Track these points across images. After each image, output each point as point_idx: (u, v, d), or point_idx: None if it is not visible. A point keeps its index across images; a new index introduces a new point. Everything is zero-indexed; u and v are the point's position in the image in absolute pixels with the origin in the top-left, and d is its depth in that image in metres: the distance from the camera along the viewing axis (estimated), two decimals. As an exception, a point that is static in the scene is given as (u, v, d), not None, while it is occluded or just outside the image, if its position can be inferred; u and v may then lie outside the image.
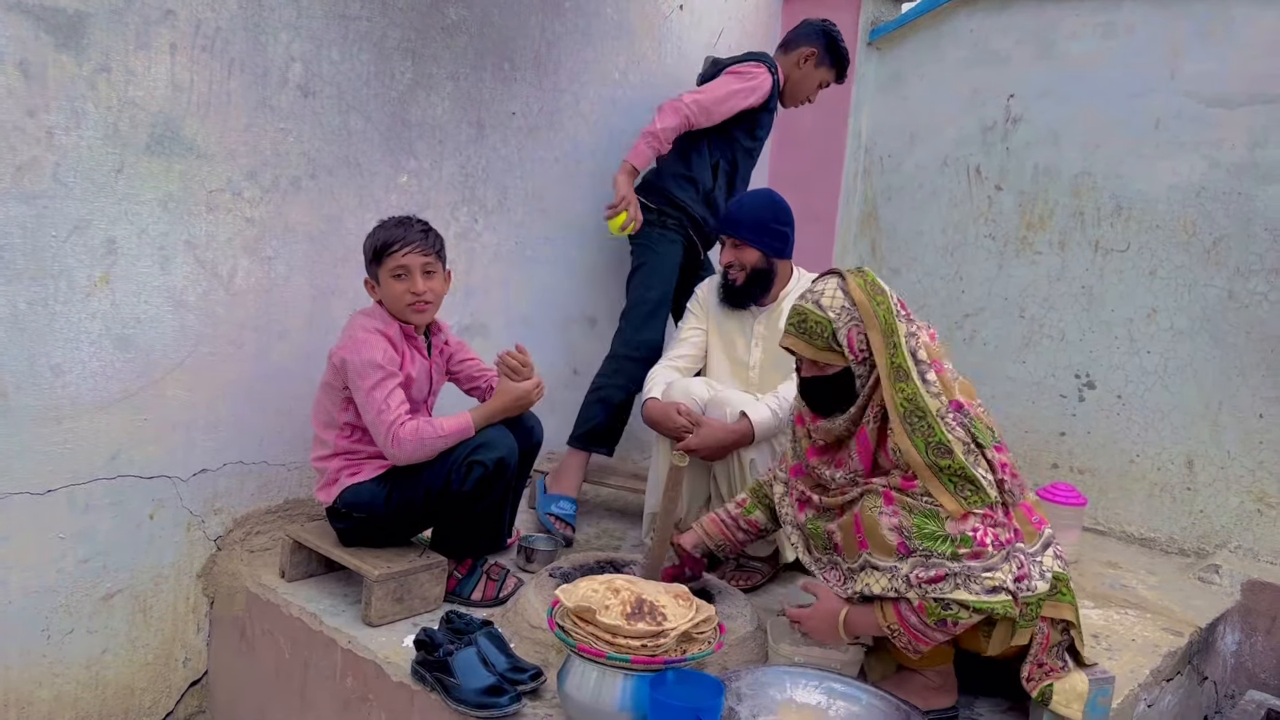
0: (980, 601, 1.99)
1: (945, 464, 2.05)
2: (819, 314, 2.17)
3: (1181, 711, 2.97)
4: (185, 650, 2.80)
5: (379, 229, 2.59)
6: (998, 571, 2.00)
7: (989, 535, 2.01)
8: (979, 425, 2.12)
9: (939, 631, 2.04)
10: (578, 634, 2.00)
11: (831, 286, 2.19)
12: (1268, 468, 3.47)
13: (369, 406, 2.48)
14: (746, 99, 3.47)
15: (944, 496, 2.04)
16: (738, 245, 2.99)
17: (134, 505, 2.62)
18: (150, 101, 2.50)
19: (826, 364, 2.19)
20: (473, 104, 3.28)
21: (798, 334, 2.20)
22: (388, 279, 2.55)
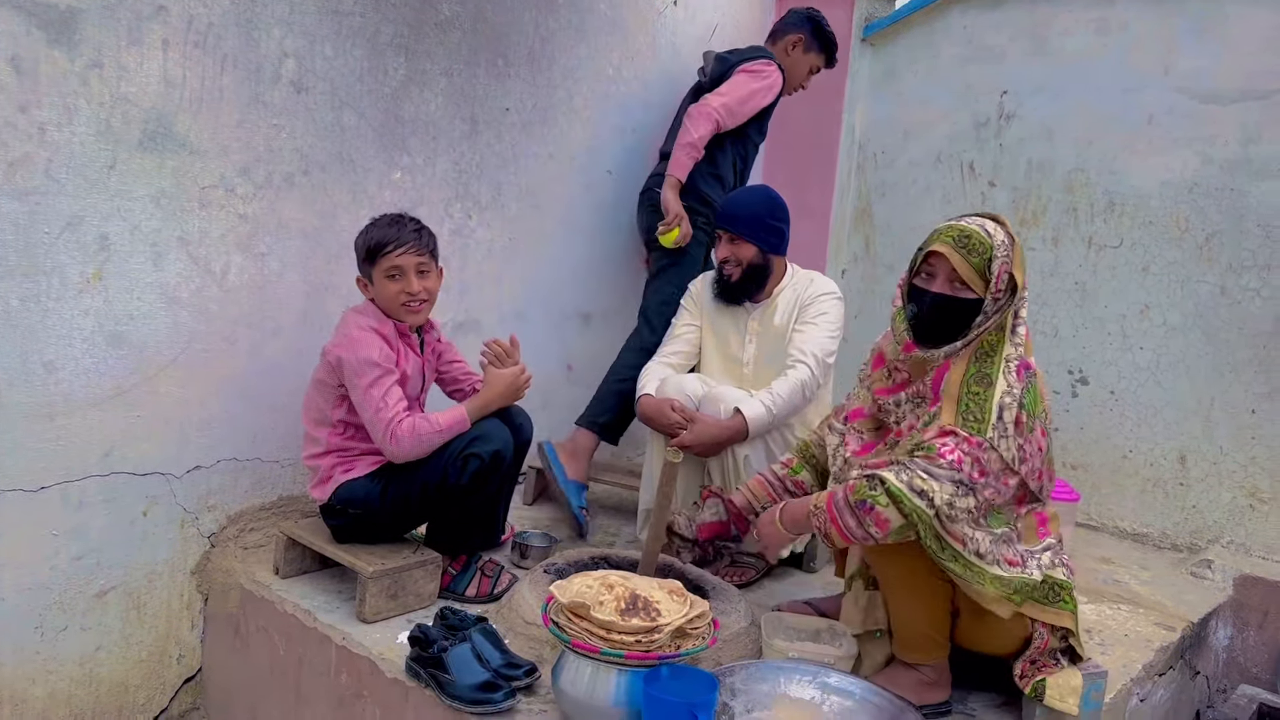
0: (899, 490, 1.98)
1: (975, 391, 2.05)
2: (984, 237, 2.11)
3: (1174, 706, 2.98)
4: (179, 647, 2.80)
5: (372, 228, 2.57)
6: (934, 481, 1.98)
7: (955, 454, 1.99)
8: (1035, 391, 2.11)
9: (852, 516, 2.04)
10: (572, 630, 2.00)
11: (987, 223, 2.15)
12: (1260, 463, 3.48)
13: (366, 404, 2.48)
14: (766, 97, 3.57)
15: (948, 412, 2.06)
16: (734, 240, 2.98)
17: (127, 502, 2.62)
18: (142, 97, 2.49)
19: (963, 288, 2.12)
20: (466, 100, 3.28)
21: (957, 247, 2.11)
22: (382, 279, 2.54)
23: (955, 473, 1.99)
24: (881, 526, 2.02)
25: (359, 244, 2.58)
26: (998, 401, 2.04)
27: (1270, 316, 3.45)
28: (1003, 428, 2.03)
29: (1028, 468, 2.10)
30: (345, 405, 2.56)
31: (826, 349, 2.90)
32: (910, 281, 2.23)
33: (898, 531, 2.02)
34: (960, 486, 1.99)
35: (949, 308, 2.13)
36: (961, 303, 2.12)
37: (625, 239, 4.01)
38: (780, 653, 2.28)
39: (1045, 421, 2.16)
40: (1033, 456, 2.11)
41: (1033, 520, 2.20)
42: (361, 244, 2.58)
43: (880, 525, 2.02)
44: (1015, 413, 2.06)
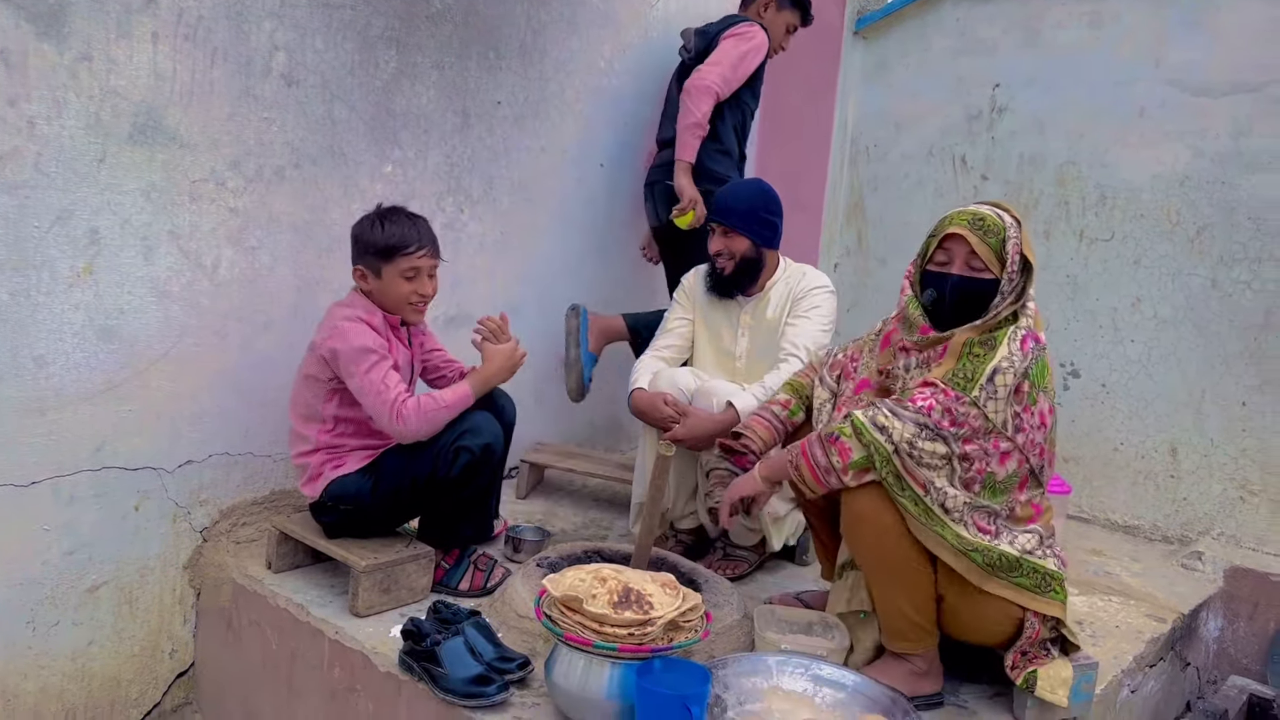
0: (861, 422, 2.09)
1: (976, 353, 2.12)
2: (997, 219, 2.20)
3: (1164, 697, 2.99)
4: (172, 642, 2.80)
5: (389, 224, 2.53)
6: (897, 420, 2.06)
7: (928, 401, 2.07)
8: (1044, 365, 2.16)
9: (820, 448, 2.14)
10: (565, 623, 2.00)
11: (992, 208, 2.24)
12: (1250, 455, 3.50)
13: (367, 390, 2.47)
14: (756, 58, 3.59)
15: (943, 367, 2.13)
16: (728, 233, 2.97)
17: (119, 497, 2.61)
18: (132, 91, 2.48)
19: (982, 269, 2.20)
20: (458, 93, 3.27)
21: (973, 229, 2.19)
22: (395, 278, 2.54)
23: (922, 416, 2.07)
24: (844, 455, 2.11)
25: (373, 238, 2.52)
26: (994, 364, 2.09)
27: (1261, 309, 3.46)
28: (991, 389, 2.08)
29: (1025, 438, 2.13)
30: (337, 399, 2.55)
31: (819, 342, 2.91)
32: (924, 268, 2.28)
33: (859, 464, 2.10)
34: (925, 430, 2.07)
35: (970, 289, 2.20)
36: (981, 283, 2.20)
37: (618, 232, 4.01)
38: (772, 645, 2.29)
39: (1052, 398, 2.19)
40: (1033, 429, 2.14)
41: (1029, 510, 2.21)
42: (377, 239, 2.52)
43: (843, 454, 2.11)
44: (1012, 379, 2.10)
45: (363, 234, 2.56)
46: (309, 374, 2.58)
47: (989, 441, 2.11)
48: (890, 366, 2.34)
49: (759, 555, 3.02)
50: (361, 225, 2.57)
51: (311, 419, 2.58)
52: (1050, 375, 2.20)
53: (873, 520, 2.13)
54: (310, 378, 2.57)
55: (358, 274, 2.59)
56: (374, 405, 2.47)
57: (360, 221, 2.58)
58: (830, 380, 2.50)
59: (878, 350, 2.42)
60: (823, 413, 2.46)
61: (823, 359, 2.58)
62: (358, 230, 2.58)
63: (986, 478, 2.13)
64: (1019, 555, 2.13)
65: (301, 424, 2.60)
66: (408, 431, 2.47)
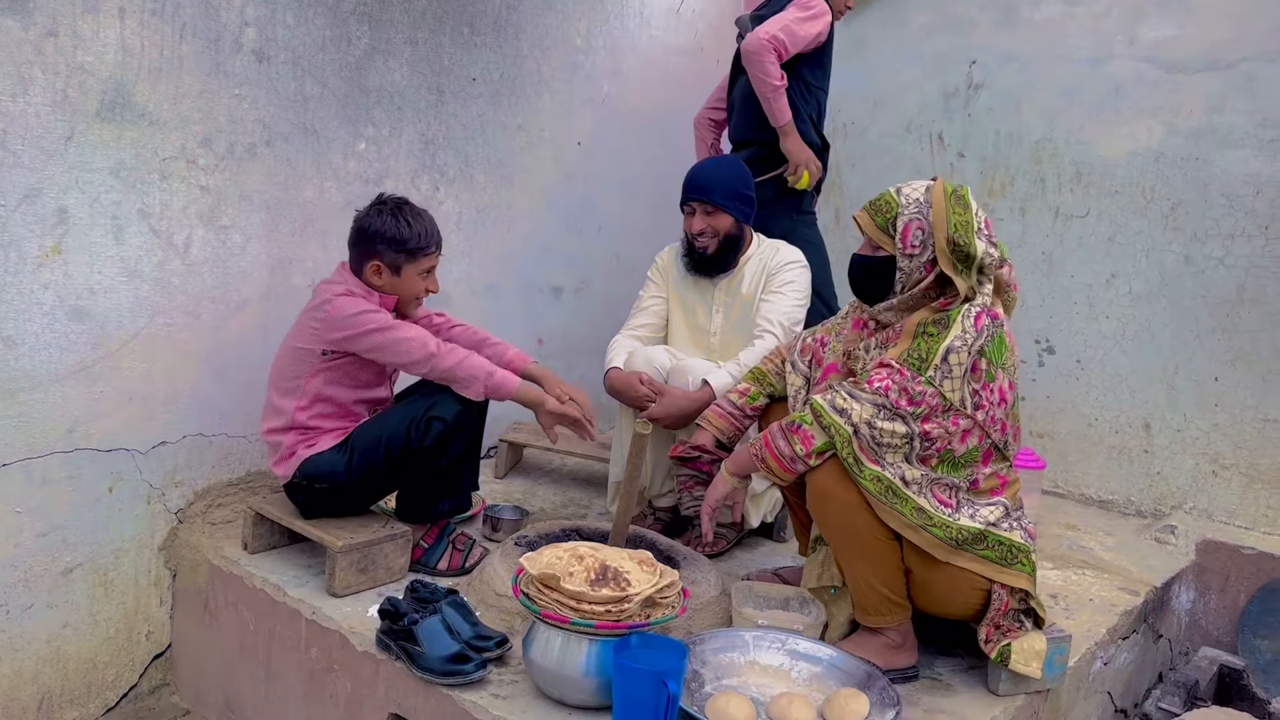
0: (821, 406, 2.11)
1: (932, 332, 2.14)
2: (891, 197, 2.27)
3: (1137, 669, 3.03)
4: (148, 623, 2.79)
5: (413, 221, 2.52)
6: (855, 402, 2.09)
7: (884, 382, 2.10)
8: (1001, 341, 2.17)
9: (783, 437, 2.16)
10: (542, 601, 2.00)
11: (921, 184, 2.28)
12: (1222, 430, 3.53)
13: (387, 345, 2.48)
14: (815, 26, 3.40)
15: (898, 348, 2.16)
16: (711, 212, 2.94)
17: (92, 478, 2.59)
18: (100, 67, 2.44)
19: (878, 246, 2.27)
20: (432, 70, 3.24)
21: (867, 209, 2.29)
22: (414, 276, 2.56)
23: (879, 398, 2.09)
24: (806, 444, 2.13)
25: (394, 234, 2.49)
26: (947, 344, 2.11)
27: (1233, 285, 3.49)
28: (946, 369, 2.10)
29: (984, 414, 2.14)
30: (323, 376, 2.52)
31: (793, 318, 2.91)
32: None
33: (821, 449, 2.12)
34: (882, 410, 2.09)
35: (866, 267, 2.30)
36: (874, 261, 2.28)
37: (595, 212, 4.00)
38: (750, 621, 2.30)
39: (1013, 374, 2.20)
40: (993, 405, 2.15)
41: (995, 481, 2.22)
42: (404, 237, 2.50)
43: (805, 442, 2.13)
44: (967, 357, 2.11)
45: (384, 230, 2.50)
46: (297, 345, 2.53)
47: (948, 420, 2.12)
48: (853, 348, 2.36)
49: (737, 532, 3.03)
50: (381, 221, 2.50)
51: (291, 393, 2.55)
52: (1010, 351, 2.19)
53: (836, 497, 2.14)
54: (299, 350, 2.53)
55: (372, 269, 2.53)
56: (403, 352, 2.48)
57: (376, 216, 2.51)
58: (802, 365, 2.51)
59: (846, 331, 2.43)
60: (798, 399, 2.47)
61: (792, 343, 2.58)
62: (377, 226, 2.50)
63: (944, 454, 2.14)
64: (983, 528, 2.15)
65: (279, 397, 2.56)
66: (440, 365, 2.49)
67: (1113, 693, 2.87)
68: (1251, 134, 3.43)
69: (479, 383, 2.52)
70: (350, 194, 3.04)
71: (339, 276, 2.58)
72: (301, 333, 2.54)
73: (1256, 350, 3.45)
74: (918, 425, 2.10)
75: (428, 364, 2.50)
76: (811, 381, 2.47)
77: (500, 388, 2.55)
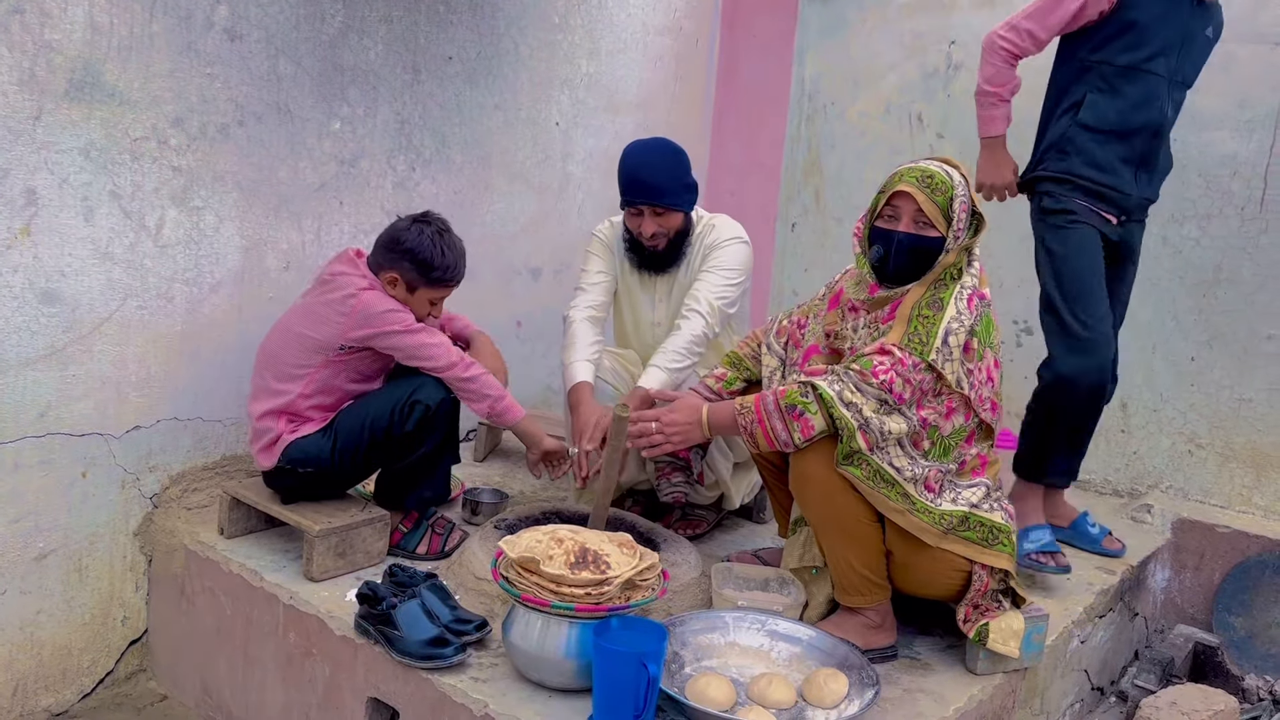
0: (831, 396, 2.07)
1: (926, 314, 2.13)
2: (945, 177, 2.20)
3: (1113, 646, 3.06)
4: (124, 609, 2.76)
5: (449, 252, 2.54)
6: (862, 397, 2.07)
7: (887, 374, 2.07)
8: (989, 321, 2.19)
9: (781, 420, 2.13)
10: (522, 584, 2.00)
11: (942, 162, 2.25)
12: (1198, 410, 3.56)
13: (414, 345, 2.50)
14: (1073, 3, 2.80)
15: (897, 331, 2.14)
16: (661, 213, 2.78)
17: (65, 463, 2.56)
18: (68, 45, 2.40)
19: (928, 227, 2.19)
20: (408, 48, 3.20)
21: (920, 187, 2.18)
22: (425, 299, 2.58)
23: (883, 393, 2.07)
24: (805, 433, 2.11)
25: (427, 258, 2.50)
26: (944, 326, 2.11)
27: (1210, 265, 3.50)
28: (947, 351, 2.10)
29: (974, 394, 2.15)
30: (334, 369, 2.51)
31: (724, 297, 2.77)
32: (872, 224, 2.27)
33: (819, 435, 2.11)
34: (884, 404, 2.08)
35: (916, 248, 2.20)
36: (927, 241, 2.20)
37: (574, 194, 3.97)
38: (730, 602, 2.31)
39: (998, 353, 2.21)
40: (981, 384, 2.16)
41: (977, 461, 2.23)
42: (435, 263, 2.52)
43: (805, 431, 2.11)
44: (963, 338, 2.12)
45: (419, 250, 2.50)
46: (310, 335, 2.49)
47: (941, 403, 2.14)
48: (838, 328, 2.34)
49: (717, 514, 3.03)
50: (420, 241, 2.51)
51: (294, 379, 2.51)
52: (996, 331, 2.23)
53: (820, 480, 2.14)
54: (311, 339, 2.49)
55: (389, 279, 2.53)
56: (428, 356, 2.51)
57: (417, 234, 2.51)
58: (778, 347, 2.50)
59: (824, 312, 2.42)
60: (773, 381, 2.45)
61: (768, 326, 2.57)
62: (414, 244, 2.50)
63: (931, 432, 2.15)
64: (967, 511, 2.16)
65: (279, 381, 2.52)
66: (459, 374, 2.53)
67: (1089, 670, 2.90)
68: (1229, 115, 3.44)
69: (488, 402, 2.59)
70: (325, 174, 3.01)
71: (355, 268, 2.53)
72: (316, 322, 2.49)
73: (1232, 330, 3.47)
74: (914, 414, 2.10)
75: (447, 371, 2.53)
76: (788, 364, 2.46)
77: (506, 414, 2.63)
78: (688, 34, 4.35)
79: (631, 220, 2.83)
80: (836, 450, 2.10)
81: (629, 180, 2.78)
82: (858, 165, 4.40)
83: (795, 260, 4.62)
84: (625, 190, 2.80)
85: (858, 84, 4.38)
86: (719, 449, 2.89)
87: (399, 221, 2.57)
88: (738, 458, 2.94)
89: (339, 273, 2.52)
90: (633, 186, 2.77)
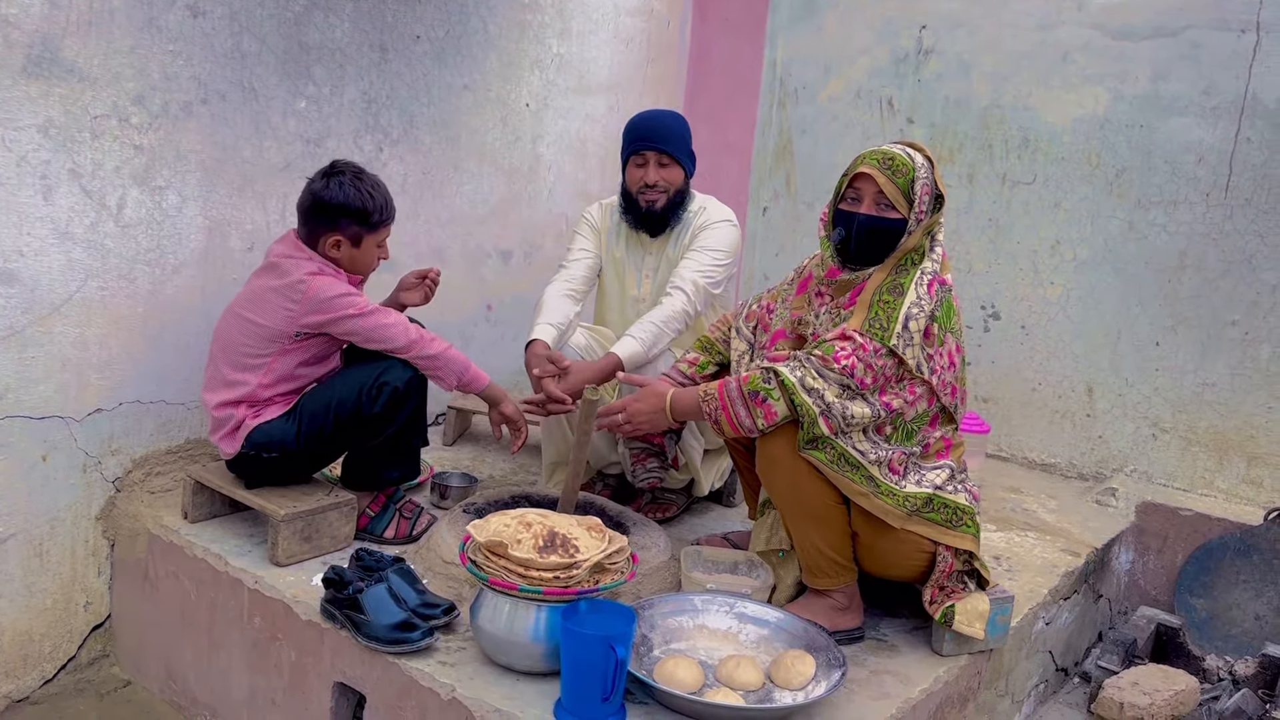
0: (792, 383, 2.08)
1: (886, 299, 2.13)
2: (907, 159, 2.21)
3: (1077, 628, 3.10)
4: (86, 594, 2.72)
5: (372, 191, 2.49)
6: (824, 382, 2.07)
7: (848, 359, 2.08)
8: (950, 306, 2.19)
9: (744, 406, 2.13)
10: (490, 568, 1.99)
11: (906, 145, 2.25)
12: (1162, 394, 3.60)
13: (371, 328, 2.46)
14: None
15: (858, 316, 2.14)
16: (666, 164, 2.81)
17: (25, 447, 2.52)
18: (25, 19, 2.34)
19: (889, 209, 2.20)
20: (374, 26, 3.15)
21: (881, 169, 2.20)
22: (372, 245, 2.54)
23: (845, 378, 2.08)
24: (769, 418, 2.12)
25: (359, 206, 2.46)
26: (904, 311, 2.12)
27: (1175, 251, 3.54)
28: (908, 336, 2.11)
29: (937, 379, 2.16)
30: (292, 355, 2.47)
31: (709, 276, 2.80)
32: (836, 206, 2.28)
33: (782, 421, 2.12)
34: (846, 390, 2.08)
35: (877, 229, 2.21)
36: (888, 223, 2.21)
37: (545, 175, 3.94)
38: (698, 585, 2.31)
39: (959, 337, 2.21)
40: (943, 369, 2.17)
41: (941, 444, 2.25)
42: (368, 208, 2.48)
43: (768, 417, 2.12)
44: (924, 323, 2.13)
45: (349, 202, 2.45)
46: (263, 323, 2.44)
47: (905, 389, 2.14)
48: (803, 313, 2.34)
49: (687, 498, 3.03)
50: (344, 192, 2.45)
51: (252, 369, 2.47)
52: (956, 316, 2.23)
53: (786, 463, 2.15)
54: (264, 328, 2.44)
55: (332, 243, 2.48)
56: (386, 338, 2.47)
57: (338, 188, 2.45)
58: (747, 331, 2.50)
59: (792, 296, 2.42)
60: (741, 365, 2.45)
61: (738, 309, 2.57)
62: (340, 197, 2.44)
63: (895, 418, 2.16)
64: (931, 493, 2.17)
65: (235, 371, 2.47)
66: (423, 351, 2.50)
67: (1054, 652, 2.93)
68: (1195, 101, 3.46)
69: (454, 376, 2.56)
70: (290, 154, 2.96)
71: (300, 251, 2.48)
72: (267, 310, 2.44)
73: (1197, 316, 3.51)
74: (878, 400, 2.10)
75: (409, 350, 2.50)
76: (756, 347, 2.46)
77: (473, 382, 2.60)
78: (659, 16, 4.32)
79: (634, 173, 2.86)
80: (799, 435, 2.10)
81: (638, 128, 2.86)
82: (829, 149, 4.40)
83: (767, 244, 4.62)
84: (634, 139, 2.85)
85: (829, 68, 4.38)
86: (692, 434, 2.90)
87: (312, 184, 2.49)
88: (709, 444, 2.94)
89: (284, 255, 2.48)
90: (641, 132, 2.84)
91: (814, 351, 2.12)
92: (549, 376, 2.65)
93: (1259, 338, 3.39)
